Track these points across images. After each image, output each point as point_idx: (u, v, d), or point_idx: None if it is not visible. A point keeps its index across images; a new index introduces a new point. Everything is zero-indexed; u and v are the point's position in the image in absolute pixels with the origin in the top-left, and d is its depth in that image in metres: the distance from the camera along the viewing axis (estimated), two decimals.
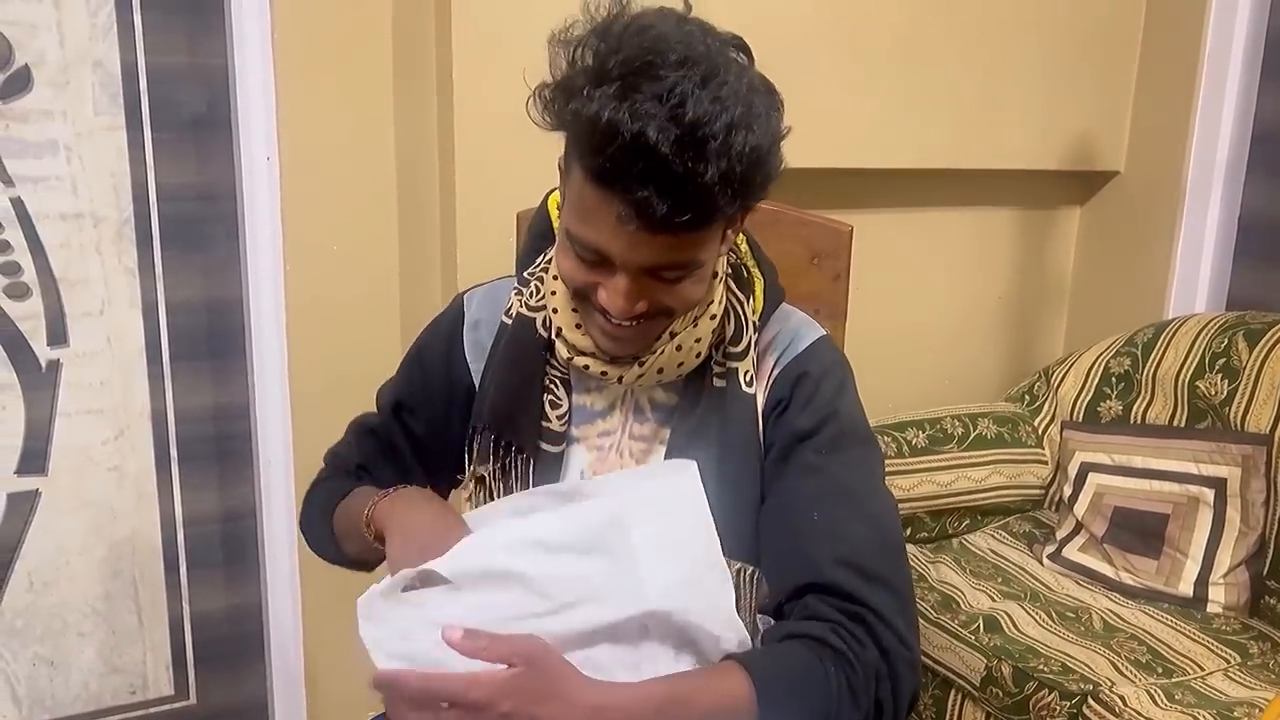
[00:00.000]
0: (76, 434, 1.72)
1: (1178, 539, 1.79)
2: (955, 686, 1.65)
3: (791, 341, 1.01)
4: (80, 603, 1.78)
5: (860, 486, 0.96)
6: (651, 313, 0.90)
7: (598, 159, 0.79)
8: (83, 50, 1.61)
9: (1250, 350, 1.83)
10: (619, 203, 0.81)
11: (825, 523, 0.92)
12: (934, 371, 2.29)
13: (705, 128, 0.78)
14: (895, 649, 0.89)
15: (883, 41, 1.94)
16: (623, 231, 0.82)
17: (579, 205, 0.85)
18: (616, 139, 0.77)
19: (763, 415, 0.99)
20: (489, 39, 1.59)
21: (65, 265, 1.67)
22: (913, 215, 2.21)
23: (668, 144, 0.77)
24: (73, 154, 1.64)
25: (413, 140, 1.74)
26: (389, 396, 1.12)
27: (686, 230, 0.82)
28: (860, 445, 0.99)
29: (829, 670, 0.86)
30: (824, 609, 0.90)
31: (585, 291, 0.90)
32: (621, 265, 0.86)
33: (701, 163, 0.78)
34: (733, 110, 0.79)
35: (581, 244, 0.87)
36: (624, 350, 0.94)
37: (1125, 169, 2.30)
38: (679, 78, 0.78)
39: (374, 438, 1.13)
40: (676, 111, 0.77)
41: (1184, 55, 2.15)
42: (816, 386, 0.98)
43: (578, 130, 0.82)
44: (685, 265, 0.87)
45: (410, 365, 1.12)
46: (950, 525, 2.02)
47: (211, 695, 1.91)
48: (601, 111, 0.78)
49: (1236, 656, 1.61)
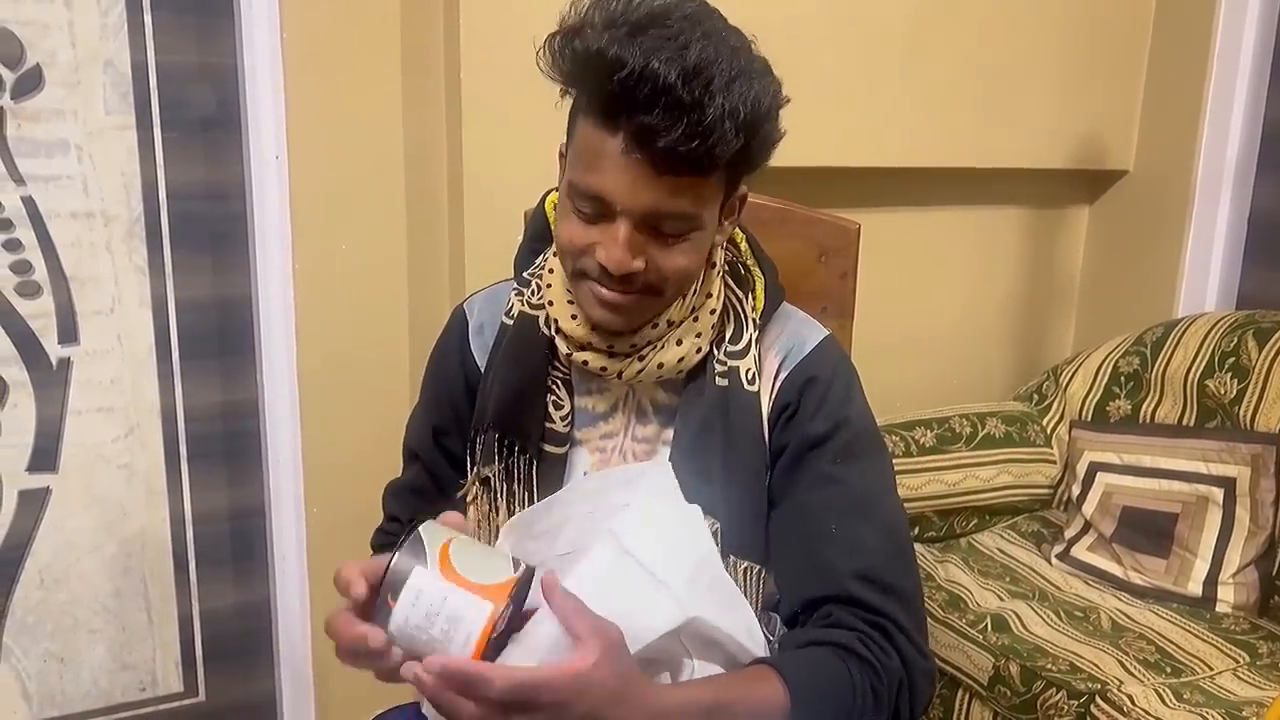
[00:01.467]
0: (87, 431, 1.73)
1: (1187, 539, 1.78)
2: (963, 685, 1.65)
3: (796, 343, 1.01)
4: (90, 600, 1.79)
5: (875, 496, 0.98)
6: (647, 280, 0.89)
7: (604, 88, 0.81)
8: (94, 50, 1.62)
9: (1260, 349, 1.82)
10: (624, 134, 0.82)
11: (844, 536, 0.94)
12: (942, 370, 2.28)
13: (710, 68, 0.80)
14: (915, 660, 0.92)
15: (891, 40, 1.94)
16: (627, 169, 0.83)
17: (584, 152, 0.86)
18: (624, 68, 0.79)
19: (769, 419, 0.99)
20: (497, 38, 1.60)
21: (76, 264, 1.68)
22: (921, 214, 2.20)
23: (675, 73, 0.79)
24: (83, 153, 1.64)
25: (421, 139, 1.75)
26: (424, 428, 1.09)
27: (693, 168, 0.83)
28: (872, 452, 1.00)
29: (855, 677, 0.89)
30: (847, 618, 0.92)
31: (581, 255, 0.90)
32: (623, 210, 0.86)
33: (707, 95, 0.80)
34: (736, 61, 0.82)
35: (583, 194, 0.87)
36: (617, 322, 0.92)
37: (1134, 168, 2.29)
38: (684, 27, 0.81)
39: (415, 493, 1.09)
40: (683, 51, 0.80)
41: (1193, 54, 2.14)
42: (826, 391, 0.98)
43: (585, 66, 0.83)
44: (684, 217, 0.87)
45: (433, 387, 1.10)
46: (958, 525, 2.02)
47: (220, 692, 1.92)
48: (609, 46, 0.80)
49: (1245, 656, 1.60)
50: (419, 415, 1.12)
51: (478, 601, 0.73)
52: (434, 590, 0.73)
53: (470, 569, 0.74)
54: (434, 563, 0.74)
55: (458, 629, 0.73)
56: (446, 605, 0.73)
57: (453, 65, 1.61)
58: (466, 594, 0.73)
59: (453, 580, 0.73)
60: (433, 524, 0.77)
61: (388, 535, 1.11)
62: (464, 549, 0.76)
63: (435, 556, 0.74)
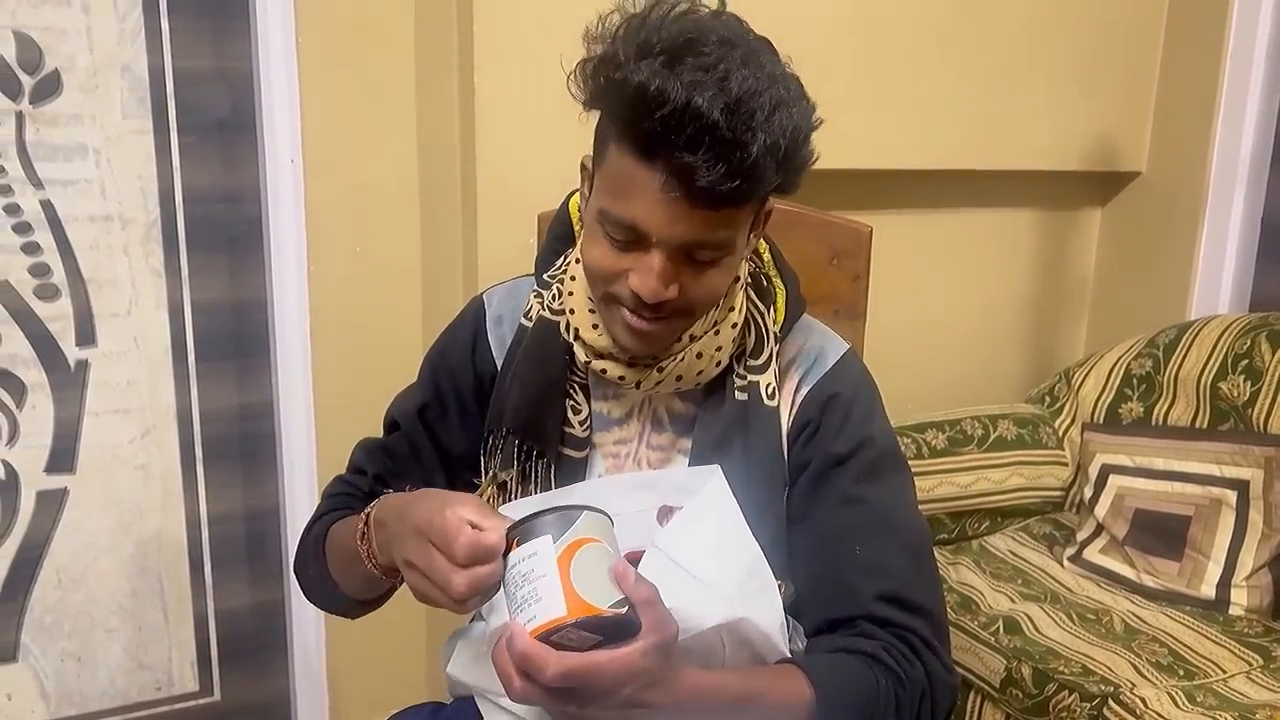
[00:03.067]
0: (104, 433, 1.75)
1: (1200, 541, 1.78)
2: (975, 688, 1.65)
3: (817, 359, 1.01)
4: (107, 600, 1.80)
5: (898, 516, 0.98)
6: (678, 305, 0.89)
7: (644, 125, 0.80)
8: (111, 55, 1.63)
9: (1273, 351, 1.81)
10: (663, 171, 0.81)
11: (868, 558, 0.94)
12: (954, 372, 2.28)
13: (752, 101, 0.79)
14: (939, 673, 0.93)
15: (903, 43, 1.94)
16: (664, 203, 0.82)
17: (617, 181, 0.85)
18: (665, 104, 0.78)
19: (789, 435, 0.99)
20: (511, 42, 1.60)
21: (94, 266, 1.69)
22: (933, 216, 2.20)
23: (718, 111, 0.78)
24: (101, 157, 1.66)
25: (435, 142, 1.76)
26: (410, 402, 1.08)
27: (730, 203, 0.82)
28: (895, 471, 1.00)
29: (880, 682, 0.90)
30: (874, 630, 0.93)
31: (612, 281, 0.89)
32: (659, 242, 0.85)
33: (749, 132, 0.79)
34: (776, 89, 0.81)
35: (617, 223, 0.86)
36: (646, 348, 0.93)
37: (1147, 169, 2.29)
38: (722, 54, 0.80)
39: (388, 453, 1.08)
40: (723, 84, 0.79)
41: (1206, 55, 2.14)
42: (849, 410, 0.98)
43: (623, 98, 0.81)
44: (720, 246, 0.87)
45: (432, 369, 1.08)
46: (970, 527, 2.02)
47: (235, 692, 1.93)
48: (650, 79, 0.79)
49: (1259, 659, 1.60)
50: (411, 392, 1.10)
51: (560, 601, 0.73)
52: (543, 564, 0.74)
53: (579, 574, 0.74)
54: (562, 545, 0.74)
55: (532, 608, 0.74)
56: (541, 583, 0.74)
57: (466, 69, 1.62)
58: (559, 587, 0.74)
59: (560, 570, 0.74)
60: (595, 516, 0.77)
61: (347, 485, 1.10)
62: (591, 557, 0.75)
63: (567, 543, 0.75)
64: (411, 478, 1.06)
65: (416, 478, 1.06)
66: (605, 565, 0.75)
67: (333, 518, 1.04)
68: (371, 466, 1.08)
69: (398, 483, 1.06)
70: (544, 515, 0.76)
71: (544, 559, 0.74)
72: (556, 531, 0.75)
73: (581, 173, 0.95)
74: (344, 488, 1.10)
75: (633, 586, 0.74)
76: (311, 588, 1.08)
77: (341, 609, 1.07)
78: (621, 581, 0.74)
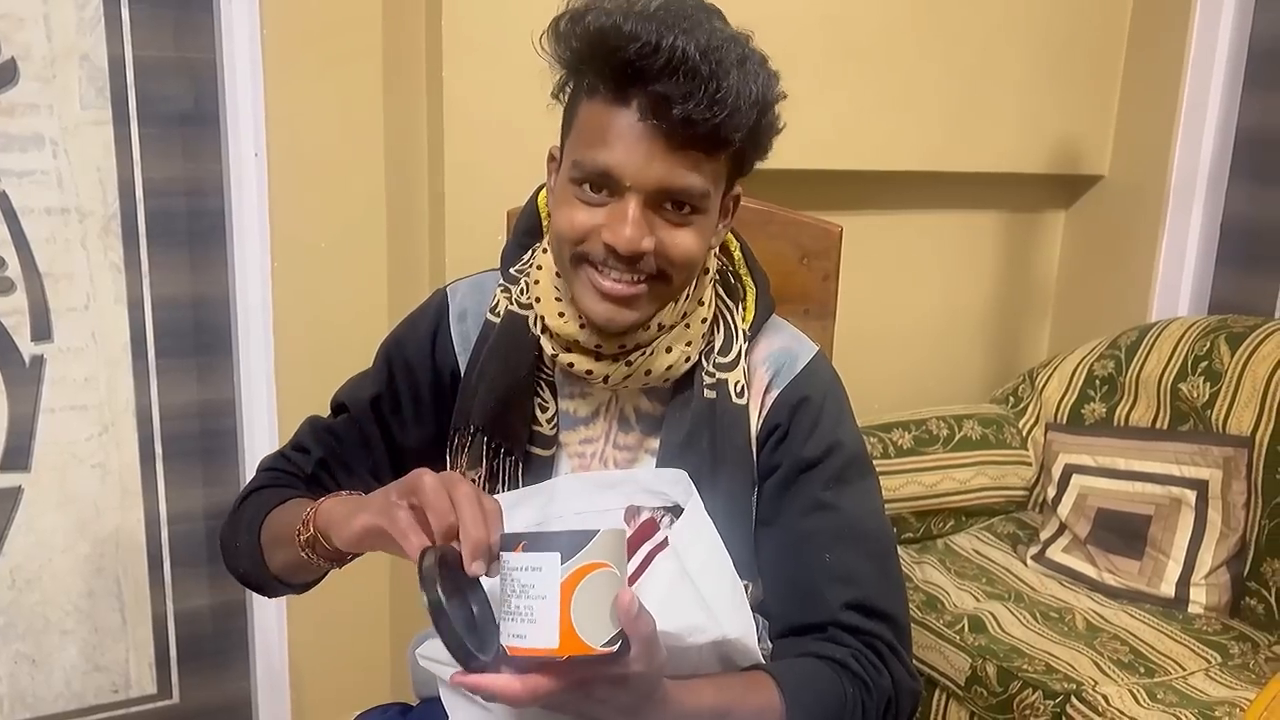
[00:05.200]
0: (60, 430, 1.71)
1: (1160, 540, 1.80)
2: (940, 686, 1.66)
3: (787, 359, 1.00)
4: (63, 600, 1.76)
5: (867, 523, 0.98)
6: (651, 268, 0.88)
7: (618, 59, 0.81)
8: (70, 43, 1.60)
9: (1232, 353, 1.85)
10: (637, 107, 0.82)
11: (837, 565, 0.95)
12: (920, 372, 2.30)
13: (721, 51, 0.81)
14: (903, 679, 0.94)
15: (870, 45, 1.95)
16: (640, 141, 0.83)
17: (591, 131, 0.86)
18: (639, 39, 0.80)
19: (758, 437, 0.98)
20: (479, 36, 1.59)
21: (50, 260, 1.65)
22: (900, 217, 2.22)
23: (692, 46, 0.80)
24: (59, 148, 1.62)
25: (402, 136, 1.74)
26: (364, 390, 1.05)
27: (705, 143, 0.83)
28: (863, 476, 1.00)
29: (847, 691, 0.91)
30: (841, 635, 0.93)
31: (584, 240, 0.88)
32: (633, 185, 0.85)
33: (722, 68, 0.81)
34: (742, 48, 0.84)
35: (591, 170, 0.86)
36: (616, 318, 0.90)
37: (1110, 173, 2.32)
38: (692, 13, 0.83)
39: (336, 437, 1.05)
40: (694, 31, 0.81)
41: (1168, 61, 2.17)
42: (818, 414, 0.98)
43: (597, 41, 0.82)
44: (694, 194, 0.86)
45: (388, 360, 1.05)
46: (935, 526, 2.03)
47: (195, 694, 1.90)
48: (624, 20, 0.80)
49: (1217, 657, 1.62)
50: (365, 379, 1.07)
51: (554, 634, 0.71)
52: (545, 584, 0.72)
53: (581, 607, 0.72)
54: (570, 569, 0.72)
55: (522, 624, 0.72)
56: (538, 604, 0.72)
57: (434, 62, 1.61)
58: (555, 617, 0.71)
59: (562, 598, 0.71)
60: (609, 535, 0.74)
61: (287, 463, 1.06)
62: (597, 586, 0.73)
63: (575, 567, 0.72)
64: (357, 465, 1.04)
65: (362, 466, 1.04)
66: (609, 594, 0.73)
67: (272, 495, 1.01)
68: (317, 449, 1.05)
69: (339, 473, 1.04)
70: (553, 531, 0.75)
71: (548, 579, 0.72)
72: (567, 551, 0.72)
73: (549, 163, 0.95)
74: (283, 464, 1.06)
75: (633, 623, 0.73)
76: (238, 560, 1.04)
77: (260, 585, 1.05)
78: (624, 616, 0.72)
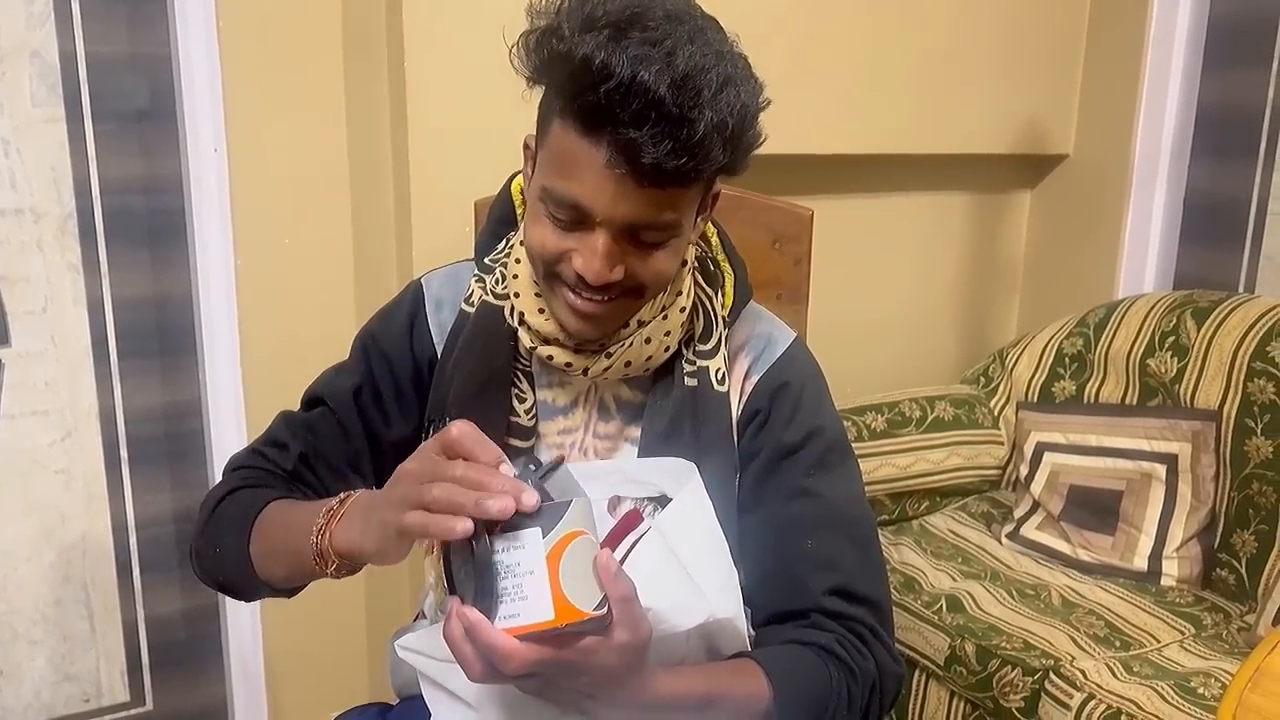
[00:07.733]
0: (21, 436, 1.67)
1: (1132, 515, 1.82)
2: (920, 667, 1.67)
3: (766, 345, 1.00)
4: (29, 610, 1.73)
5: (849, 509, 0.98)
6: (624, 287, 0.87)
7: (588, 99, 0.77)
8: (19, 39, 1.55)
9: (1198, 328, 1.87)
10: (607, 148, 0.79)
11: (819, 552, 0.94)
12: (891, 354, 2.31)
13: (699, 77, 0.77)
14: (886, 663, 0.94)
15: (838, 30, 1.95)
16: (609, 181, 0.80)
17: (561, 158, 0.82)
18: (610, 78, 0.76)
19: (738, 423, 0.98)
20: (442, 25, 1.57)
21: (6, 262, 1.61)
22: (869, 200, 2.22)
23: (664, 86, 0.76)
24: (10, 147, 1.58)
25: (366, 130, 1.71)
26: (343, 382, 1.02)
27: (676, 182, 0.80)
28: (844, 461, 1.00)
29: (833, 676, 0.91)
30: (825, 621, 0.93)
31: (556, 263, 0.87)
32: (603, 221, 0.83)
33: (695, 109, 0.77)
34: (723, 67, 0.79)
35: (560, 201, 0.83)
36: (591, 331, 0.91)
37: (1074, 152, 2.33)
38: (669, 30, 0.78)
39: (312, 430, 1.01)
40: (670, 59, 0.77)
41: (1129, 40, 2.19)
42: (799, 399, 0.98)
43: (566, 72, 0.79)
44: (666, 227, 0.85)
45: (365, 352, 1.03)
46: (910, 507, 2.04)
47: (169, 700, 1.87)
48: (595, 52, 0.76)
49: (1190, 628, 1.64)
50: (342, 370, 1.05)
51: (548, 605, 0.70)
52: (531, 559, 0.70)
53: (568, 574, 0.71)
54: (552, 541, 0.71)
55: (515, 604, 0.70)
56: (527, 579, 0.70)
57: (396, 52, 1.58)
58: (546, 589, 0.70)
59: (549, 569, 0.70)
60: (582, 504, 0.73)
61: (265, 461, 1.01)
62: (579, 553, 0.72)
63: (557, 538, 0.71)
64: (335, 458, 1.01)
65: (341, 459, 1.02)
66: (589, 559, 0.72)
67: (254, 496, 0.97)
68: (296, 444, 1.01)
69: (321, 463, 1.01)
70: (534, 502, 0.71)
71: (532, 554, 0.71)
72: (547, 524, 0.71)
73: (525, 152, 0.93)
74: (259, 462, 1.02)
75: (613, 581, 0.72)
76: (220, 565, 0.98)
77: (242, 592, 1.01)
78: (603, 574, 0.72)
